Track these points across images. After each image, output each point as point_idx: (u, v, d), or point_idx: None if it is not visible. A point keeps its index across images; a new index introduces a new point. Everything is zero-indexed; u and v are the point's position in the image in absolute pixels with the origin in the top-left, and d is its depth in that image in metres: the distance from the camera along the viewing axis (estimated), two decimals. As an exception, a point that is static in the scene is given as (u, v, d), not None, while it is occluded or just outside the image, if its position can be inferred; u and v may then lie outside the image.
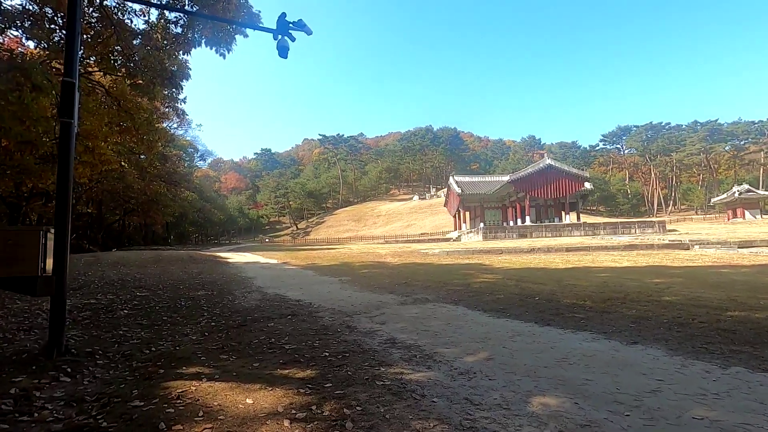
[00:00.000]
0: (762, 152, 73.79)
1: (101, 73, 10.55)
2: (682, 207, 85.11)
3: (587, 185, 38.64)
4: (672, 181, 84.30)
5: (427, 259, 16.66)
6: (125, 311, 6.60)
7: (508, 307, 6.49)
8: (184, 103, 10.80)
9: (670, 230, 33.24)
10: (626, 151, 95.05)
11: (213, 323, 5.80)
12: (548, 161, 36.29)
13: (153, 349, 4.51)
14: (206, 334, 5.19)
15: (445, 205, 52.43)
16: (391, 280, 10.33)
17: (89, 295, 8.28)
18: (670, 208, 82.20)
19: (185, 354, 4.21)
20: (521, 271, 11.46)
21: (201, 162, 64.76)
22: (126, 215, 40.41)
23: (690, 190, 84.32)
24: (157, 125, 10.59)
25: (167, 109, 10.56)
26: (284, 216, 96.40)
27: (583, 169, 44.19)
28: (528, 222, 36.14)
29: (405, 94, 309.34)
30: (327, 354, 4.12)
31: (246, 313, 6.49)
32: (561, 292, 7.68)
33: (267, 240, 69.61)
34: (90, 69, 10.14)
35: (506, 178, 44.22)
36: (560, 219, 39.93)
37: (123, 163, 28.13)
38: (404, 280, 10.36)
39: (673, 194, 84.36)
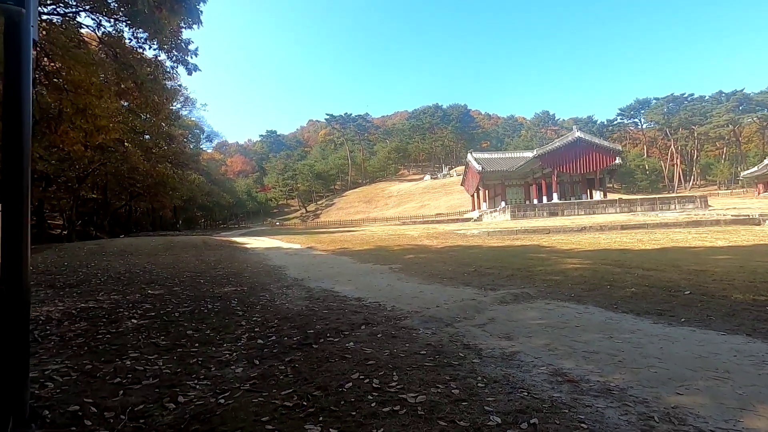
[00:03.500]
0: (792, 123, 70.16)
1: (93, 22, 8.60)
2: (702, 182, 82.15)
3: (617, 160, 36.27)
4: (694, 156, 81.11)
5: (469, 241, 14.81)
6: (134, 321, 4.83)
7: (668, 308, 4.63)
8: (196, 55, 8.83)
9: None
10: (645, 125, 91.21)
11: (260, 340, 4.01)
12: (578, 134, 33.89)
13: (181, 399, 2.72)
14: (256, 362, 3.40)
15: (462, 183, 50.30)
16: (454, 268, 8.50)
17: (88, 294, 6.53)
18: (690, 183, 79.32)
19: (242, 420, 2.40)
20: (604, 253, 9.57)
21: (207, 143, 62.64)
22: (132, 200, 38.71)
23: (710, 165, 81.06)
24: (164, 82, 8.72)
25: (175, 65, 8.62)
26: (292, 199, 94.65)
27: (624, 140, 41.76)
28: (555, 199, 34.05)
29: (409, 72, 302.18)
30: (497, 419, 2.30)
31: (300, 320, 4.69)
32: (704, 283, 5.80)
33: (277, 223, 68.08)
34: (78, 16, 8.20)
35: (529, 153, 41.94)
36: (587, 196, 37.79)
37: (126, 143, 26.34)
38: (470, 267, 8.53)
39: (693, 169, 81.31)
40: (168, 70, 8.43)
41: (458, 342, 3.78)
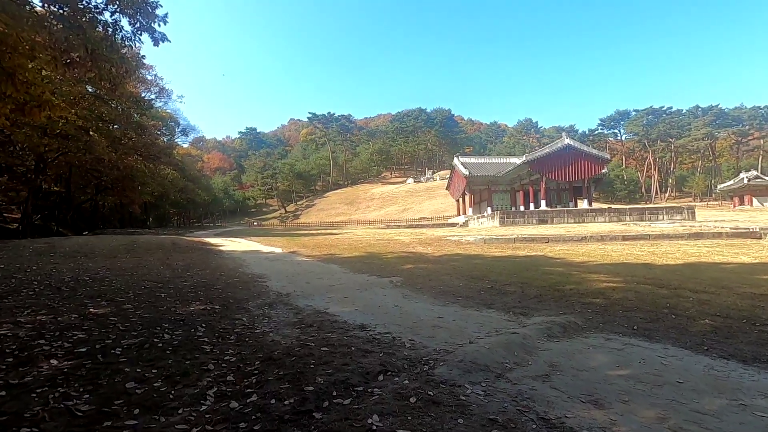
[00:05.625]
0: (764, 139, 72.53)
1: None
2: (677, 194, 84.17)
3: (604, 169, 36.13)
4: (671, 168, 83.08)
5: (467, 249, 13.71)
6: (53, 362, 3.41)
7: (778, 354, 3.55)
8: (165, 23, 7.29)
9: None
10: (625, 136, 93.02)
11: (234, 402, 2.71)
12: (567, 141, 33.45)
13: None
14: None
15: (447, 188, 49.47)
16: (466, 283, 7.33)
17: (9, 313, 5.03)
18: (667, 194, 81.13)
19: None
20: (626, 268, 8.58)
21: (183, 137, 59.45)
22: (98, 194, 36.03)
23: (686, 177, 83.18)
24: (123, 50, 7.19)
25: (139, 32, 7.06)
26: (272, 198, 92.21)
27: (613, 149, 41.76)
28: (543, 206, 33.52)
29: (393, 75, 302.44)
30: None
31: (290, 364, 3.39)
32: (783, 313, 4.79)
33: (255, 223, 65.76)
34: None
35: (516, 159, 41.49)
36: (574, 204, 37.52)
37: (92, 132, 24.18)
38: (483, 282, 7.38)
39: (669, 181, 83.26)
40: (128, 35, 6.95)
41: (532, 413, 2.56)
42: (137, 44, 7.10)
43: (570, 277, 7.58)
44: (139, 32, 7.04)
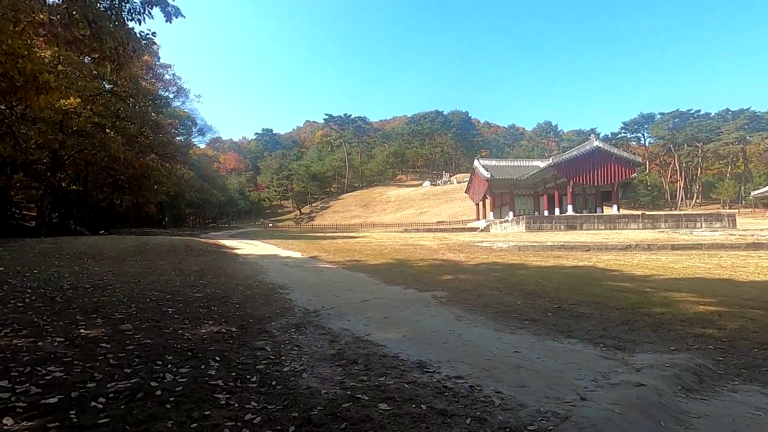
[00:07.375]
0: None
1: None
2: (702, 200, 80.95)
3: (635, 173, 34.43)
4: (697, 173, 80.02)
5: (502, 256, 12.54)
6: (7, 422, 2.41)
7: None
8: (178, -6, 6.43)
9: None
10: (649, 140, 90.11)
11: None
12: (596, 143, 31.89)
13: None
14: None
15: (467, 191, 48.09)
16: (524, 301, 6.19)
17: (-19, 333, 4.08)
18: (693, 201, 78.14)
19: None
20: (706, 285, 7.33)
21: (200, 137, 58.99)
22: (115, 193, 35.78)
23: (713, 184, 79.86)
24: (129, 24, 6.30)
25: (148, 6, 6.17)
26: (286, 199, 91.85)
27: (635, 154, 40.08)
28: (570, 211, 32.00)
29: (410, 78, 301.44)
30: None
31: (341, 435, 2.34)
32: None
33: (270, 224, 65.30)
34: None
35: (539, 162, 40.10)
36: (601, 209, 35.91)
37: (108, 130, 23.71)
38: (543, 299, 6.24)
39: (695, 186, 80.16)
40: (137, 8, 6.07)
41: None
42: (147, 19, 6.23)
43: (647, 296, 6.38)
44: (149, 5, 6.16)
